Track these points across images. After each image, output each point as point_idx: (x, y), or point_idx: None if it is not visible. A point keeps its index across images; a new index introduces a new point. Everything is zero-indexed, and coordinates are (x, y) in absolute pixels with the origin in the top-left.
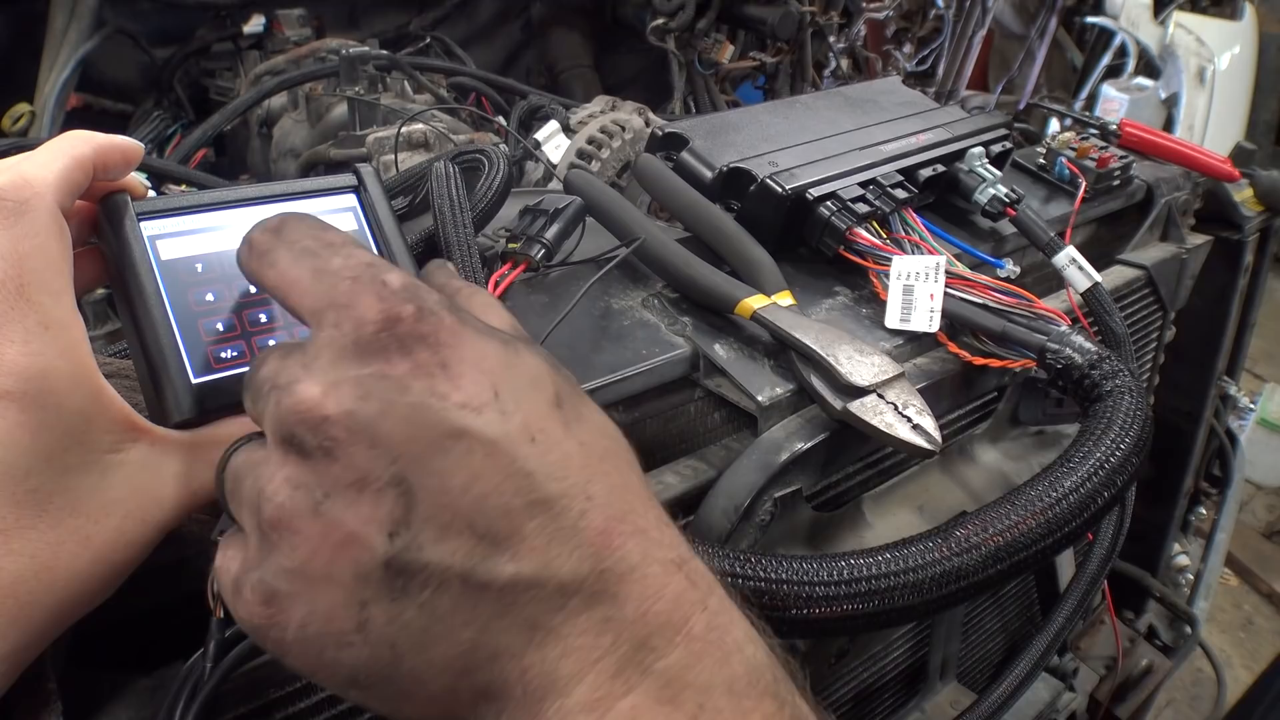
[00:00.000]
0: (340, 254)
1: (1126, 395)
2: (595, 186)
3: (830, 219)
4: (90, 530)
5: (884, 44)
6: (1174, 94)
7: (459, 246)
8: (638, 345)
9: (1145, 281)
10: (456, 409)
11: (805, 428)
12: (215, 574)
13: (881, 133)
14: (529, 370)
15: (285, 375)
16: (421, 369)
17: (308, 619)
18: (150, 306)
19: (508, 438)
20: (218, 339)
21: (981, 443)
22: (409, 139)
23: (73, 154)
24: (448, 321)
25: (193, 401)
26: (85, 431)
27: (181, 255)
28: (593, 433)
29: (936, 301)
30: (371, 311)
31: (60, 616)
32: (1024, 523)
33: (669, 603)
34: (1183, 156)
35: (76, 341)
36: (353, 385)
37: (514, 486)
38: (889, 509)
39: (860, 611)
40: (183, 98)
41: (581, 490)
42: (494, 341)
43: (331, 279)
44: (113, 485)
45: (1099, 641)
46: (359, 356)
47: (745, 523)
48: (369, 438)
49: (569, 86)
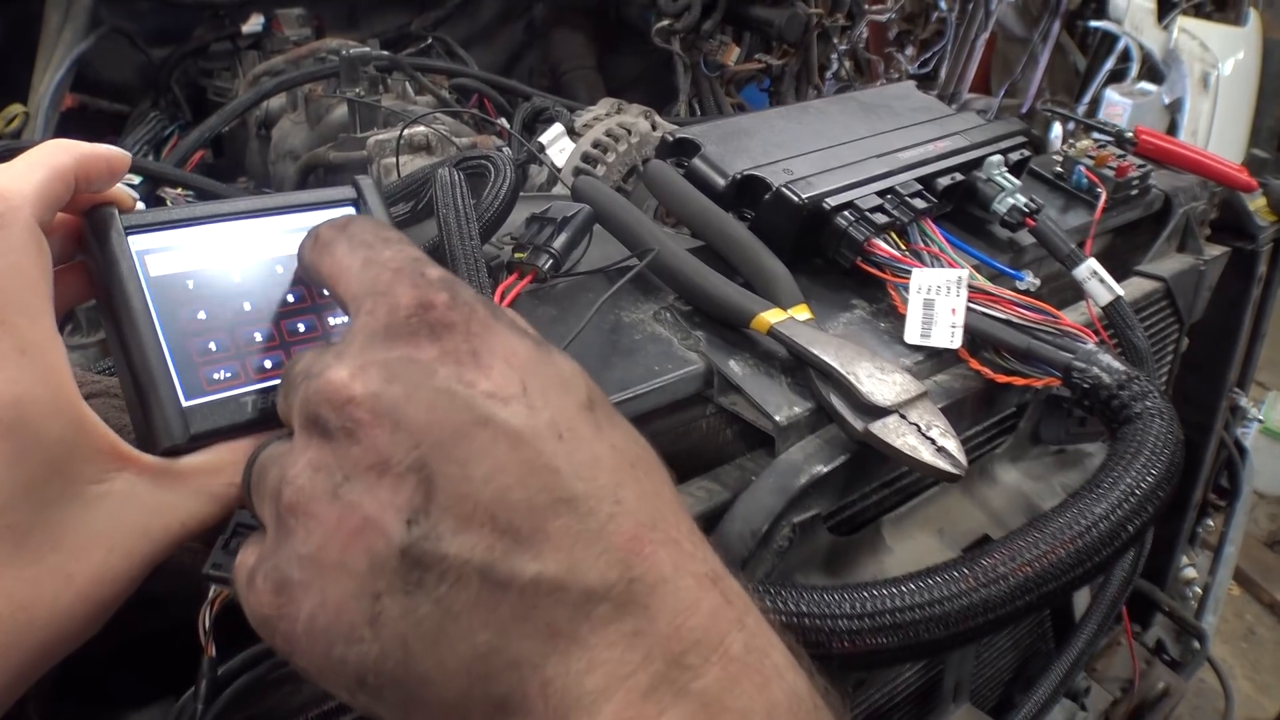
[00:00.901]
0: (392, 247)
1: (1157, 418)
2: (605, 194)
3: (848, 230)
4: (72, 567)
5: (886, 46)
6: (1178, 99)
7: (465, 259)
8: (650, 361)
9: (1163, 294)
10: (483, 397)
11: (824, 449)
12: (232, 574)
13: (898, 139)
14: (560, 371)
15: (319, 365)
16: (450, 355)
17: (318, 610)
18: (138, 326)
19: (534, 431)
20: (210, 360)
21: (1002, 462)
22: (410, 142)
23: (52, 164)
24: (480, 313)
25: (183, 426)
26: (66, 462)
27: (172, 271)
28: (624, 438)
29: (959, 316)
30: (405, 297)
31: (41, 658)
32: (1053, 552)
33: (704, 618)
34: (1200, 165)
35: (56, 366)
36: (380, 367)
37: (539, 482)
38: (908, 532)
39: (884, 646)
40: (180, 98)
41: (610, 493)
42: (527, 340)
43: (377, 268)
44: (96, 518)
45: (1115, 663)
46: (388, 340)
47: (763, 549)
48: (392, 420)
49: (572, 88)
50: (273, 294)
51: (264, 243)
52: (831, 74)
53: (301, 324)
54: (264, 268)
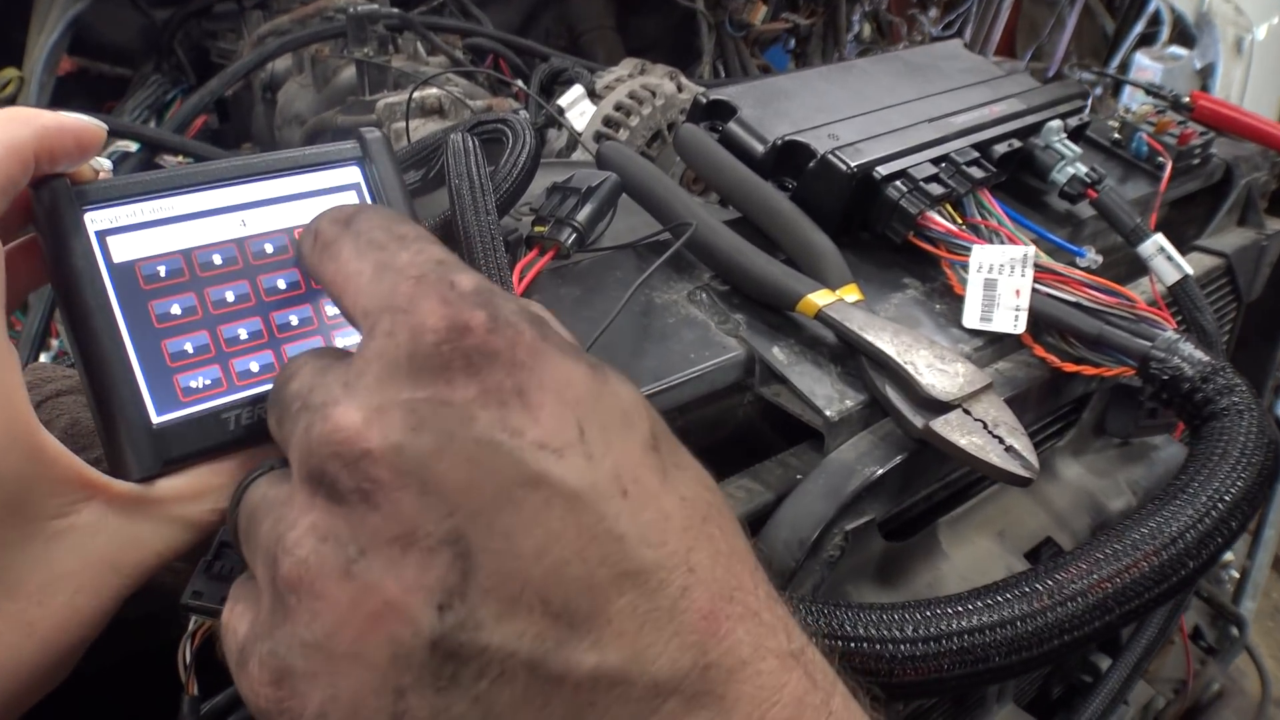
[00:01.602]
0: (410, 248)
1: (1246, 414)
2: (633, 161)
3: (900, 201)
4: (34, 614)
5: (908, 8)
6: (1210, 64)
7: (480, 237)
8: (685, 347)
9: (1224, 270)
10: (533, 449)
11: (879, 447)
12: (220, 631)
13: (949, 103)
14: (620, 402)
15: (321, 393)
16: (491, 394)
17: (327, 707)
18: (96, 328)
19: (594, 489)
20: (186, 364)
21: (1063, 456)
22: (422, 105)
23: (5, 140)
24: (527, 336)
25: (153, 453)
26: (22, 499)
27: (139, 255)
28: (692, 484)
29: (1023, 299)
30: (434, 317)
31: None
32: (1136, 566)
33: (789, 708)
34: (1264, 134)
35: (6, 388)
36: (403, 412)
37: (600, 553)
38: (966, 536)
39: (948, 674)
40: (183, 61)
41: (683, 560)
42: (580, 364)
43: (394, 277)
44: (60, 558)
45: (1168, 663)
46: (413, 375)
47: (812, 559)
48: (420, 481)
49: (590, 49)
50: (260, 279)
51: (249, 215)
52: (853, 36)
53: (294, 315)
54: (249, 246)
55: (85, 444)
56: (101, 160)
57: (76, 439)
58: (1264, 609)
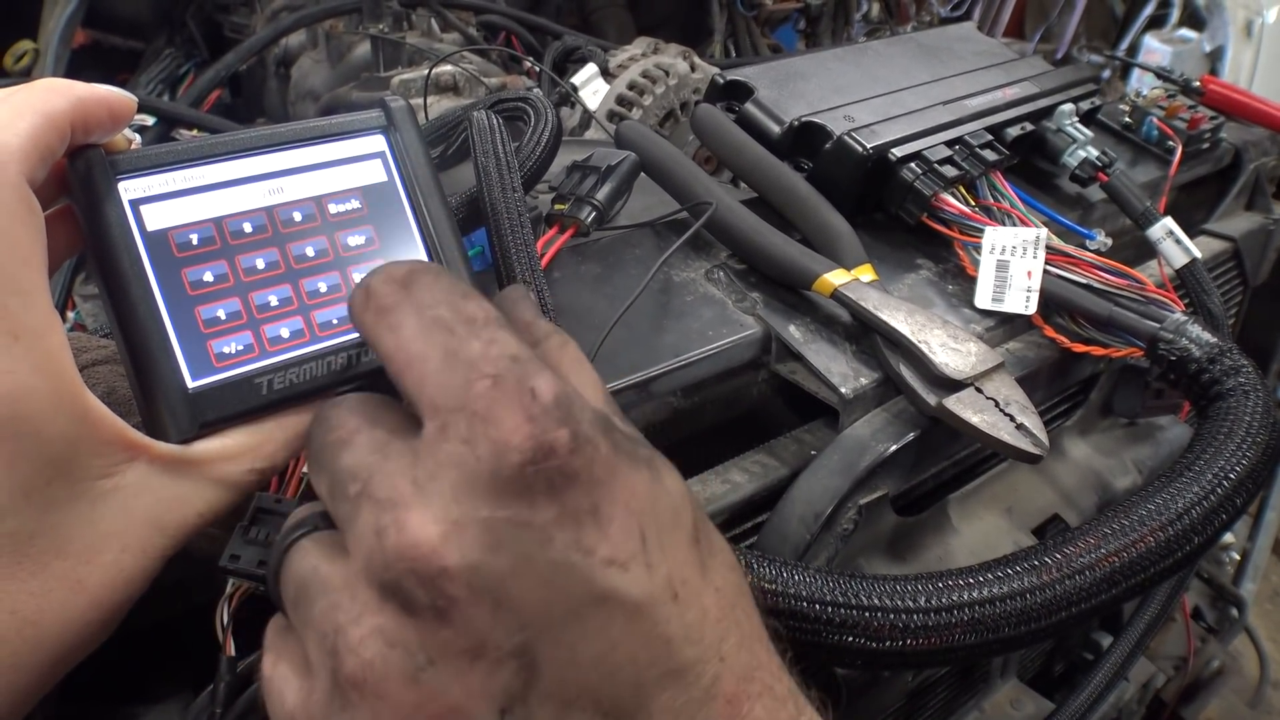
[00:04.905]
0: (481, 336)
1: (1251, 394)
2: (652, 140)
3: (915, 183)
4: (82, 572)
5: None
6: (1219, 47)
7: (508, 214)
8: (703, 325)
9: (1231, 254)
10: (602, 567)
11: (892, 424)
12: (258, 681)
13: (963, 85)
14: (672, 501)
15: (385, 486)
16: (570, 516)
17: None
18: (131, 295)
19: (652, 599)
20: (219, 329)
21: (1071, 435)
22: (437, 81)
23: (43, 109)
24: (603, 451)
25: (189, 416)
26: (70, 459)
27: (172, 223)
28: (724, 572)
29: (1035, 280)
30: (518, 436)
31: (51, 672)
32: (1142, 540)
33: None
34: (1272, 119)
35: (54, 352)
36: (482, 530)
37: (650, 656)
38: (974, 511)
39: (960, 644)
40: (196, 35)
41: (715, 652)
42: (640, 468)
43: (466, 371)
44: (106, 517)
45: (1168, 640)
46: (495, 494)
47: (826, 533)
48: (494, 600)
49: (601, 27)
50: (289, 246)
51: (277, 183)
52: (861, 16)
53: (323, 282)
54: (278, 214)
55: (122, 412)
56: (130, 132)
57: (112, 407)
58: (1263, 591)
